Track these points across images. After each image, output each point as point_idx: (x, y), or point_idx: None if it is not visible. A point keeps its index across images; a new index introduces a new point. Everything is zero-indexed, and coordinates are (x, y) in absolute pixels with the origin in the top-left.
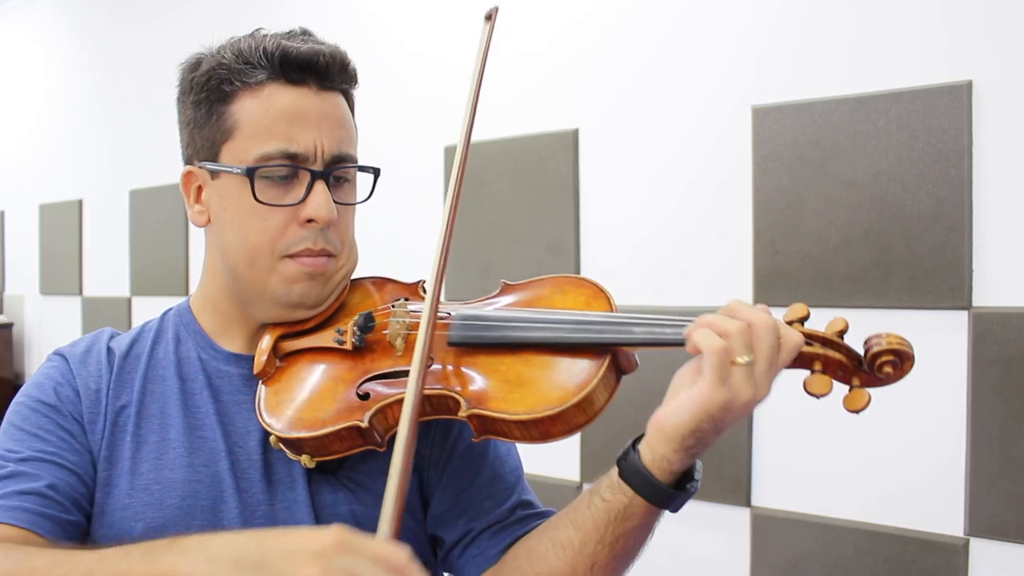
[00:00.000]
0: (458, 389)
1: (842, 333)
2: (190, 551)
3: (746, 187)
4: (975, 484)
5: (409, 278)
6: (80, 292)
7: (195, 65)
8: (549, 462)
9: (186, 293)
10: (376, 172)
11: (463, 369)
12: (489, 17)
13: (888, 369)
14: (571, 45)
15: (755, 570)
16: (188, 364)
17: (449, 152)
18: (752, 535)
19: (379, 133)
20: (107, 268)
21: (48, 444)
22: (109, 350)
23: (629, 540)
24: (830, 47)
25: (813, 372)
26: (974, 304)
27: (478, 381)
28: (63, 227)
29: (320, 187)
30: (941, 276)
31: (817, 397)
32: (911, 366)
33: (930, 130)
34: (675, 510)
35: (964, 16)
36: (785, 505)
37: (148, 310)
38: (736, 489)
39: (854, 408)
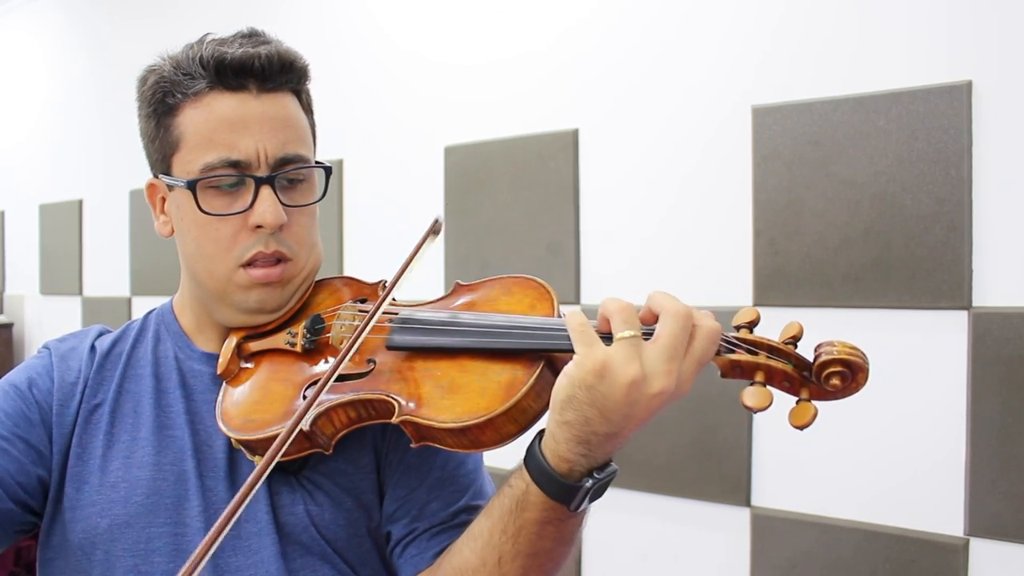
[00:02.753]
0: (396, 394)
1: (795, 339)
2: None
3: (746, 187)
4: (975, 484)
5: (418, 279)
6: (80, 292)
7: (144, 79)
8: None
9: None
10: (328, 170)
11: (402, 373)
12: (436, 232)
13: (836, 381)
14: (571, 45)
15: (755, 570)
16: (165, 363)
17: (449, 152)
18: (752, 535)
19: (379, 133)
20: (107, 268)
21: (3, 428)
22: (92, 348)
23: (532, 536)
24: (830, 47)
25: (753, 383)
26: (974, 304)
27: (415, 386)
28: (63, 227)
29: (265, 192)
30: (941, 276)
31: (753, 411)
32: (865, 379)
33: (930, 130)
34: (571, 506)
35: (964, 16)
36: (785, 505)
37: (148, 310)
38: (736, 489)
39: (799, 423)
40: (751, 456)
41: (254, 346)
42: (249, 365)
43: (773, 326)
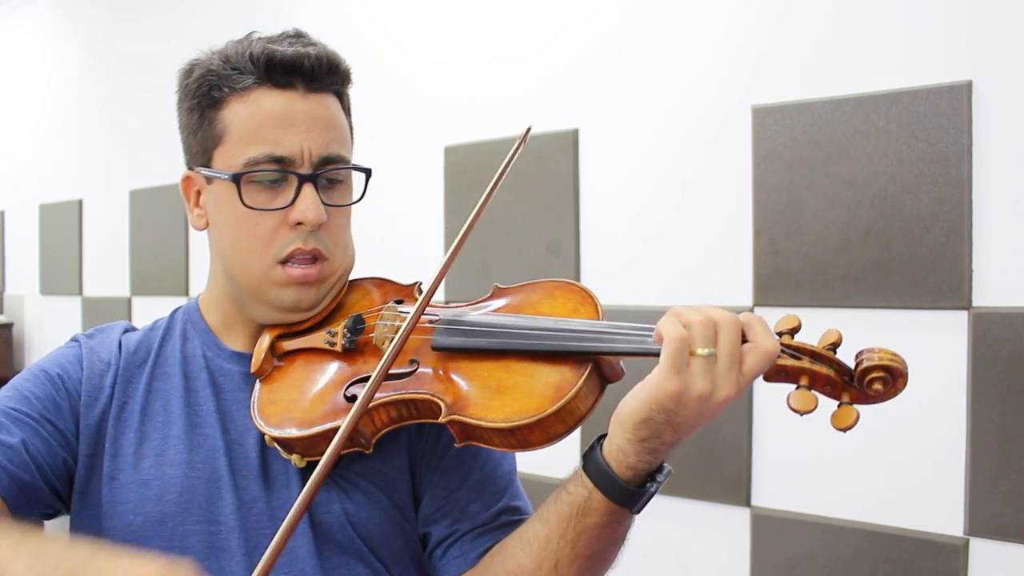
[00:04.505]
0: (440, 394)
1: (834, 346)
2: (26, 545)
3: (746, 187)
4: (975, 484)
5: (407, 278)
6: (80, 292)
7: (188, 71)
8: (547, 464)
9: (186, 293)
10: (368, 172)
11: (447, 374)
12: (524, 137)
13: (878, 386)
14: (571, 45)
15: (755, 570)
16: (193, 362)
17: (449, 152)
18: (752, 535)
19: (379, 133)
20: (107, 268)
21: (33, 409)
22: (121, 344)
23: (591, 539)
24: (830, 47)
25: (798, 387)
26: (974, 304)
27: (460, 386)
28: (63, 227)
29: (308, 190)
30: (941, 276)
31: (799, 414)
32: (904, 384)
33: (930, 130)
34: (634, 509)
35: (964, 16)
36: (785, 505)
37: (148, 310)
38: (736, 489)
39: (841, 426)
40: (751, 456)
41: (288, 345)
42: (282, 364)
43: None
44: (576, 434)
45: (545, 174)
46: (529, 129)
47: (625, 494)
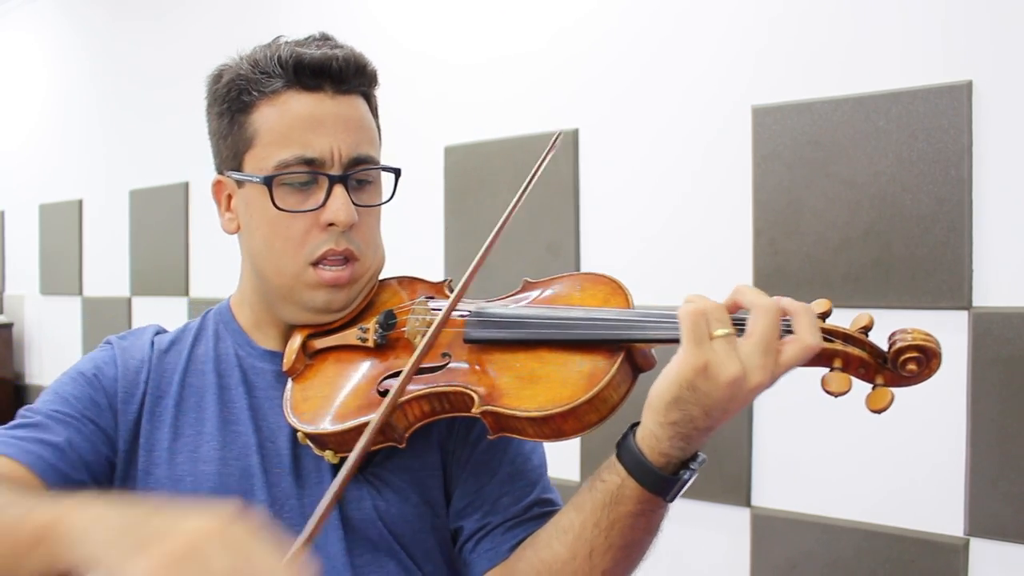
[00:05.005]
0: (473, 386)
1: (867, 329)
2: (89, 507)
3: (746, 187)
4: (975, 484)
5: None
6: (80, 292)
7: (217, 77)
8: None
9: (186, 293)
10: (397, 172)
11: (479, 366)
12: (554, 142)
13: (912, 366)
14: (570, 45)
15: (755, 570)
16: (226, 360)
17: (449, 152)
18: (752, 535)
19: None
20: (107, 268)
21: (74, 409)
22: (153, 343)
23: (625, 528)
24: (830, 47)
25: (832, 369)
26: (974, 304)
27: (493, 378)
28: (63, 227)
29: (339, 191)
30: (941, 276)
31: (835, 395)
32: (938, 364)
33: (930, 130)
34: (667, 497)
35: (964, 16)
36: (785, 505)
37: (148, 310)
38: (736, 489)
39: (876, 408)
40: (751, 456)
41: (319, 343)
42: (313, 362)
43: None
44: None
45: (545, 174)
46: (559, 135)
47: (658, 481)
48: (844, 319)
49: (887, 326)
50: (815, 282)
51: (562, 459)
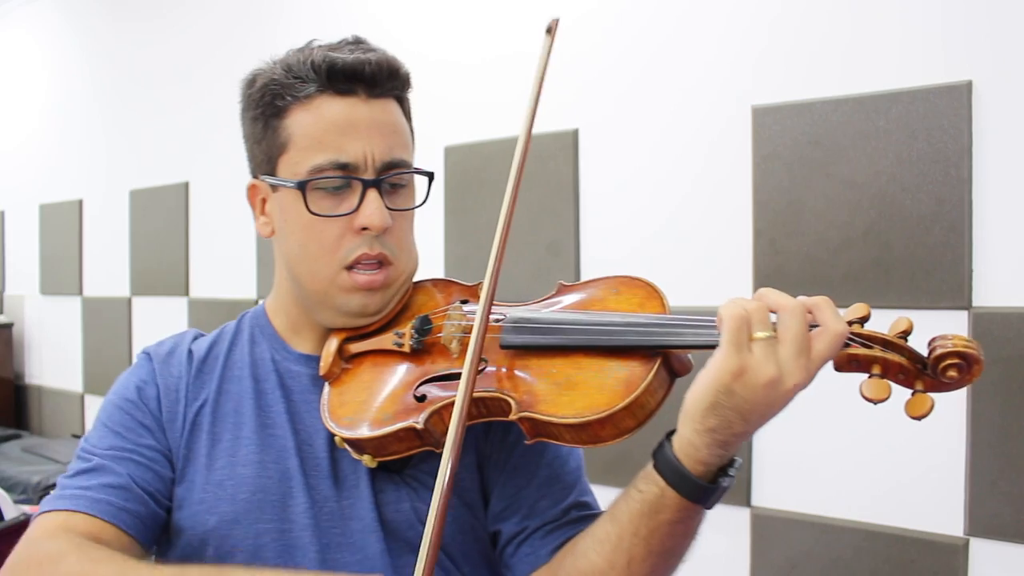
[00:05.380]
0: (510, 392)
1: (905, 334)
2: None
3: (746, 187)
4: (975, 484)
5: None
6: (80, 292)
7: (251, 81)
8: None
9: (186, 293)
10: (430, 176)
11: (515, 372)
12: (550, 30)
13: (953, 372)
14: (571, 45)
15: (755, 570)
16: (262, 365)
17: (449, 152)
18: (752, 535)
19: None
20: (107, 268)
21: (128, 441)
22: (190, 352)
23: (664, 536)
24: (830, 47)
25: (871, 376)
26: (974, 304)
27: (529, 384)
28: (63, 227)
29: (372, 195)
30: (941, 276)
31: (873, 403)
32: (980, 370)
33: (930, 130)
34: (707, 505)
35: (964, 16)
36: (785, 505)
37: (148, 310)
38: (736, 489)
39: (916, 414)
40: (751, 456)
41: (355, 347)
42: (350, 366)
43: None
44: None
45: (545, 174)
46: (556, 21)
47: (697, 490)
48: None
49: (887, 326)
50: (815, 282)
51: None
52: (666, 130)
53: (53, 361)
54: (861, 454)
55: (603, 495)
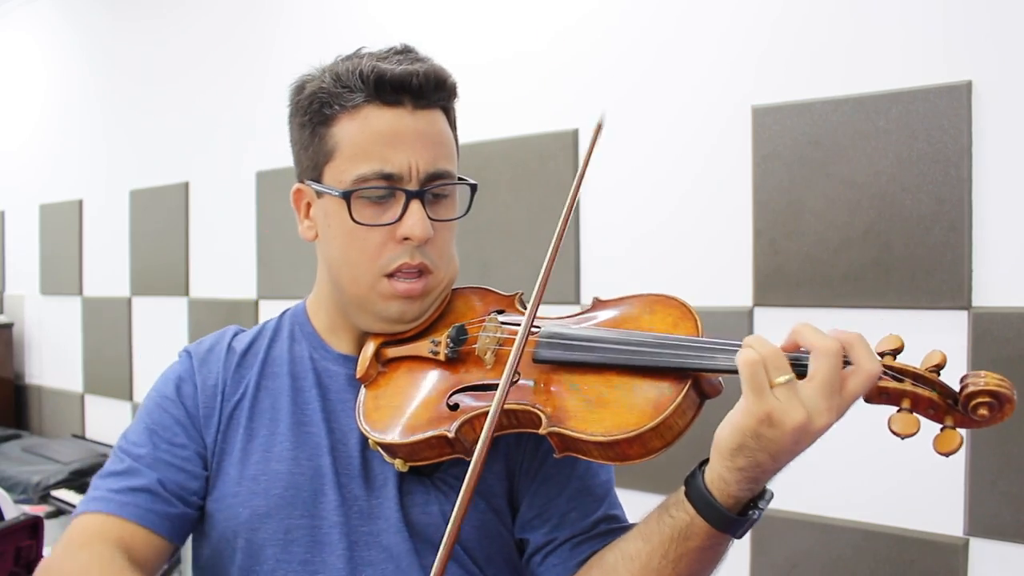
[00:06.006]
0: (541, 406)
1: (938, 368)
2: None
3: (746, 187)
4: (975, 484)
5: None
6: (80, 292)
7: (300, 88)
8: None
9: (186, 293)
10: (473, 187)
11: (547, 386)
12: (599, 127)
13: (984, 411)
14: (571, 45)
15: (755, 570)
16: (300, 363)
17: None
18: (752, 535)
19: None
20: (107, 268)
21: (162, 440)
22: (230, 348)
23: (692, 561)
24: (830, 47)
25: (900, 410)
26: (974, 304)
27: (560, 399)
28: (63, 227)
29: (415, 206)
30: (941, 276)
31: (900, 437)
32: (1011, 409)
33: (930, 130)
34: (737, 536)
35: (964, 16)
36: (785, 505)
37: (148, 310)
38: None
39: (945, 450)
40: None
41: (392, 352)
42: (386, 370)
43: (775, 327)
44: None
45: (545, 174)
46: (601, 123)
47: (727, 521)
48: (844, 319)
49: (887, 326)
50: (815, 282)
51: None
52: (666, 130)
53: (53, 361)
54: (861, 454)
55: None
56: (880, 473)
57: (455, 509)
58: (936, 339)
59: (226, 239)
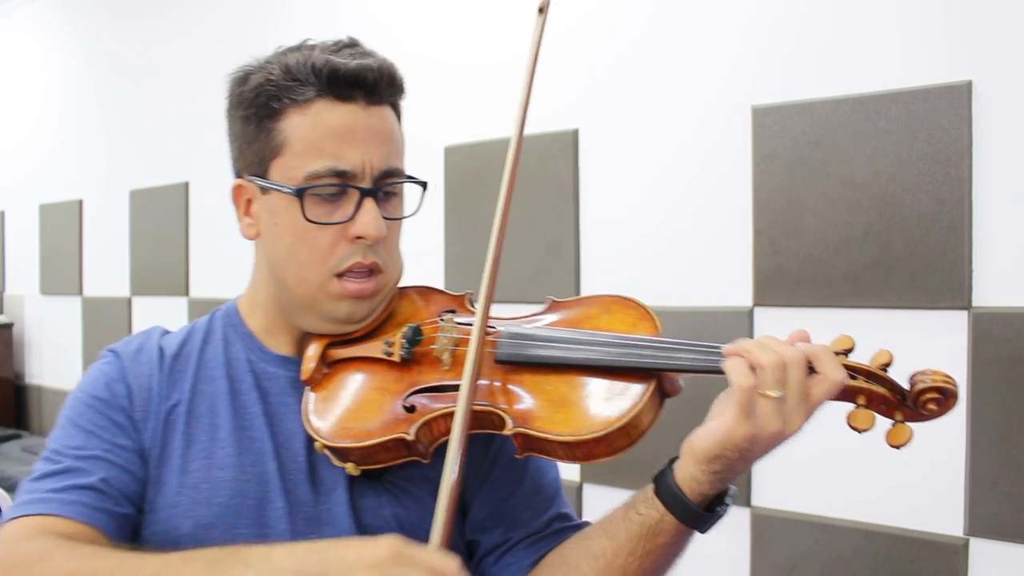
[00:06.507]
0: (504, 406)
1: (886, 366)
2: (253, 563)
3: (746, 187)
4: (975, 484)
5: (408, 279)
6: (80, 292)
7: (243, 79)
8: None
9: (186, 293)
10: (424, 185)
11: (509, 386)
12: (542, 10)
13: (932, 406)
14: (571, 45)
15: (755, 570)
16: (237, 365)
17: (449, 152)
18: (752, 535)
19: None
20: (107, 268)
21: (101, 440)
22: (160, 349)
23: (659, 556)
24: (830, 47)
25: (857, 406)
26: (974, 304)
27: (524, 399)
28: (63, 227)
29: (369, 204)
30: (941, 276)
31: (859, 431)
32: (955, 403)
33: (930, 130)
34: (704, 531)
35: (964, 16)
36: (785, 505)
37: (148, 310)
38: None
39: (897, 443)
40: None
41: (339, 353)
42: (331, 371)
43: (775, 327)
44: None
45: (545, 174)
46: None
47: (698, 518)
48: (844, 319)
49: (887, 326)
50: (815, 282)
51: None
52: (666, 130)
53: (53, 361)
54: (861, 454)
55: (601, 495)
56: (880, 473)
57: (436, 522)
58: (936, 339)
59: (226, 239)
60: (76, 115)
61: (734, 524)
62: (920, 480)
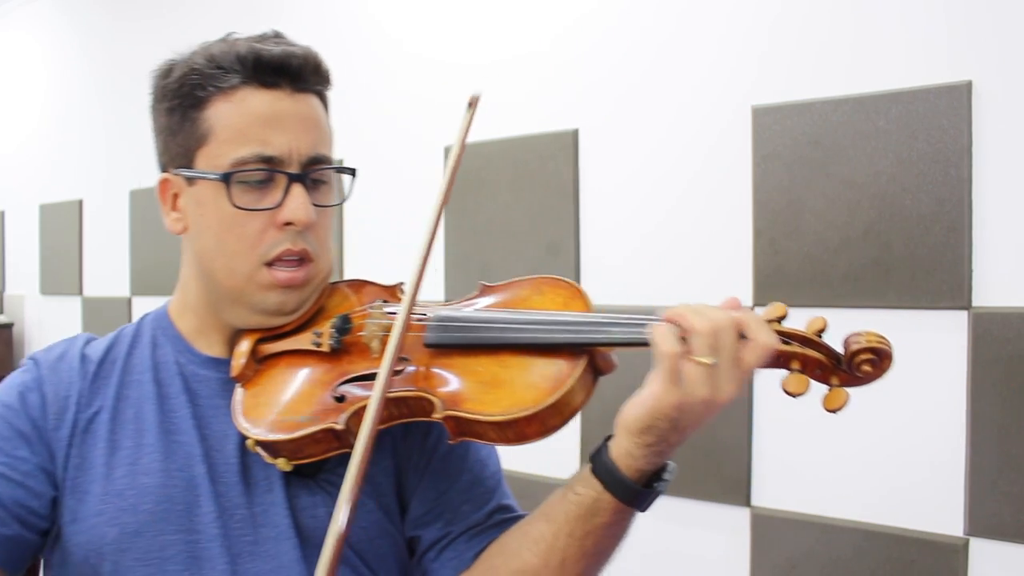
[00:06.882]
0: (433, 391)
1: (820, 332)
2: None
3: (746, 187)
4: (975, 484)
5: (407, 279)
6: (80, 292)
7: (167, 71)
8: (547, 463)
9: None
10: (353, 173)
11: (439, 371)
12: (471, 104)
13: (867, 368)
14: (571, 45)
15: (755, 570)
16: (165, 368)
17: (449, 152)
18: (752, 535)
19: (379, 134)
20: (107, 268)
21: (1, 453)
22: (83, 357)
23: (599, 537)
24: (830, 47)
25: (791, 371)
26: (974, 304)
27: (454, 382)
28: (63, 227)
29: (297, 190)
30: (941, 276)
31: (794, 396)
32: (889, 364)
33: (930, 130)
34: (643, 509)
35: (964, 16)
36: (785, 505)
37: (148, 310)
38: (736, 489)
39: (832, 407)
40: (751, 456)
41: (269, 348)
42: (262, 367)
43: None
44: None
45: (545, 174)
46: (477, 97)
47: (635, 495)
48: (844, 319)
49: (887, 326)
50: (815, 282)
51: (561, 459)
52: (666, 130)
53: None
54: (861, 454)
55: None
56: (880, 473)
57: (339, 504)
58: (936, 339)
59: None
60: (76, 115)
61: (734, 524)
62: (920, 480)
